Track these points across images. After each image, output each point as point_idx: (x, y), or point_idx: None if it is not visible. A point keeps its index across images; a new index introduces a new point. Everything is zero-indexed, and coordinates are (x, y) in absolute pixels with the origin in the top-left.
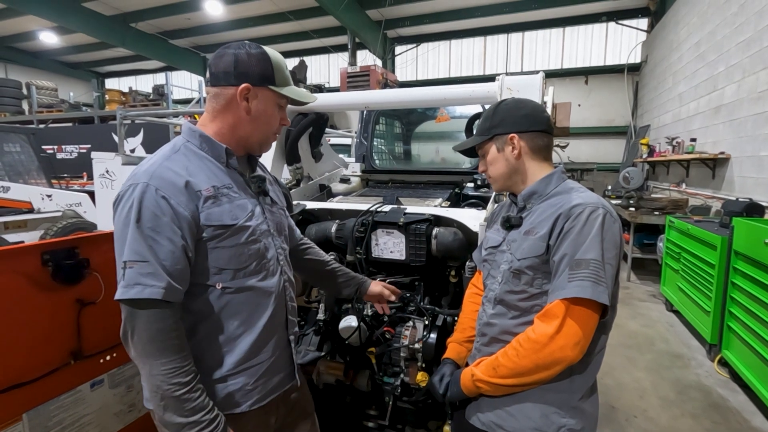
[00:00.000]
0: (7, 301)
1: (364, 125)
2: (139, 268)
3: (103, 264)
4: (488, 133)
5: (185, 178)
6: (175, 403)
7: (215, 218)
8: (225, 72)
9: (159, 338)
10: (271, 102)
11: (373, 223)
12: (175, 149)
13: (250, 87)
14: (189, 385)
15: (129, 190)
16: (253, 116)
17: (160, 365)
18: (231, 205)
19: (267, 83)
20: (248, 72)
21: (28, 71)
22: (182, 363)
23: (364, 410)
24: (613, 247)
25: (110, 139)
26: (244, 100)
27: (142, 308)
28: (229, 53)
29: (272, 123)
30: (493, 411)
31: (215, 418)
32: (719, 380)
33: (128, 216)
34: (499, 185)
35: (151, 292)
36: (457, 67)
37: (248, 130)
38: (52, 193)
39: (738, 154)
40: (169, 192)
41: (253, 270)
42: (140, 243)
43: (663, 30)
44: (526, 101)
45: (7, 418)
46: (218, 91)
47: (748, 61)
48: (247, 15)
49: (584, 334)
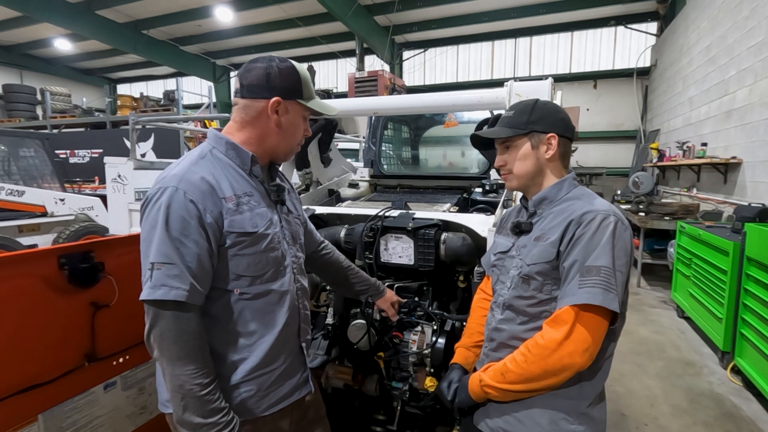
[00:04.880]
0: (24, 304)
1: (373, 130)
2: (167, 270)
3: (117, 268)
4: (525, 127)
5: (212, 184)
6: (196, 403)
7: (237, 225)
8: (256, 85)
9: (183, 339)
10: (298, 115)
11: (382, 227)
12: (202, 155)
13: (281, 100)
14: (210, 386)
15: (158, 193)
16: (282, 128)
17: (184, 365)
18: (251, 213)
19: (296, 97)
20: (279, 86)
21: (42, 77)
22: (204, 364)
23: (372, 415)
24: (623, 255)
25: (122, 143)
26: (274, 113)
27: (167, 309)
28: (260, 67)
29: (298, 134)
30: (501, 417)
31: (231, 421)
32: (732, 388)
33: (156, 218)
34: (518, 183)
35: (177, 294)
36: (465, 72)
37: (276, 141)
38: (65, 197)
39: (750, 159)
40: (197, 196)
41: (269, 277)
42: (168, 245)
43: (673, 34)
44: (560, 107)
45: (24, 419)
46: (248, 103)
47: (759, 65)
48: (257, 21)
49: (593, 340)
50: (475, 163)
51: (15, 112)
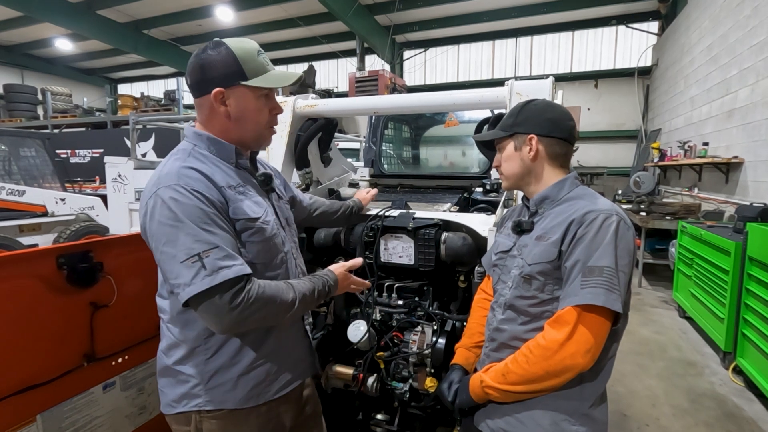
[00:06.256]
0: (22, 304)
1: (373, 130)
2: (215, 254)
3: (117, 267)
4: (510, 129)
5: (207, 175)
6: (312, 297)
7: (241, 212)
8: (196, 81)
9: (268, 293)
10: (249, 97)
11: (382, 227)
12: (187, 152)
13: (223, 90)
14: (304, 290)
15: (159, 193)
16: (235, 117)
17: (282, 302)
18: (250, 201)
19: (237, 80)
20: (216, 75)
21: (43, 77)
22: (287, 288)
23: (372, 415)
24: (626, 255)
25: (122, 143)
26: (221, 104)
27: (226, 291)
28: (194, 62)
29: (260, 117)
30: (502, 417)
31: (327, 275)
32: (734, 389)
33: (171, 216)
34: (510, 183)
35: (237, 270)
36: (466, 71)
37: (238, 132)
38: (65, 197)
39: (752, 159)
40: (199, 187)
41: (277, 263)
42: (200, 234)
43: (674, 33)
44: (556, 106)
45: (22, 419)
46: (199, 101)
47: (761, 64)
48: (257, 21)
49: (596, 341)
50: (476, 162)
51: (16, 111)
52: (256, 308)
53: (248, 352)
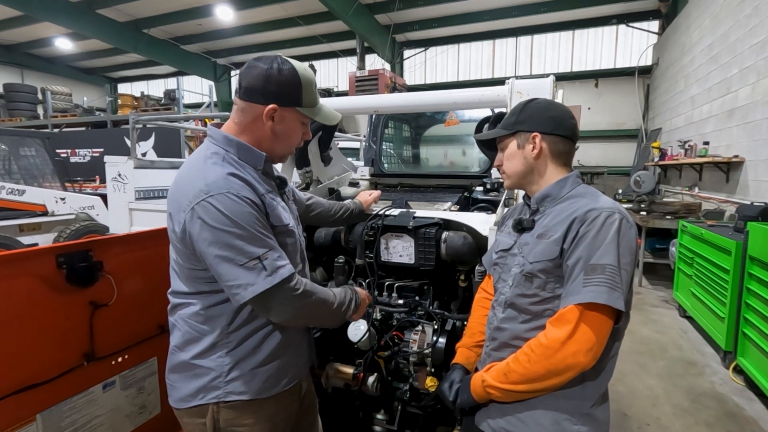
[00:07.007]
0: (22, 303)
1: (373, 129)
2: (272, 255)
3: (116, 267)
4: (512, 128)
5: (249, 182)
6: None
7: (276, 218)
8: (254, 88)
9: (309, 293)
10: (296, 122)
11: (383, 226)
12: (221, 157)
13: (277, 108)
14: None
15: (210, 201)
16: (276, 134)
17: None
18: (281, 207)
19: (294, 104)
20: (276, 92)
21: (43, 77)
22: (326, 294)
23: (372, 415)
24: (628, 253)
25: (122, 143)
26: (269, 119)
27: (284, 285)
28: (261, 68)
29: (295, 139)
30: (503, 417)
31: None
32: (735, 388)
33: (227, 222)
34: (512, 182)
35: (290, 268)
36: (466, 71)
37: (271, 145)
38: (65, 196)
39: (753, 158)
40: (248, 194)
41: (298, 261)
42: (258, 238)
43: (674, 32)
44: (558, 105)
45: (22, 419)
46: (246, 106)
47: (762, 63)
48: (258, 20)
49: (597, 340)
50: (476, 161)
51: (16, 111)
52: (307, 300)
53: (264, 347)
